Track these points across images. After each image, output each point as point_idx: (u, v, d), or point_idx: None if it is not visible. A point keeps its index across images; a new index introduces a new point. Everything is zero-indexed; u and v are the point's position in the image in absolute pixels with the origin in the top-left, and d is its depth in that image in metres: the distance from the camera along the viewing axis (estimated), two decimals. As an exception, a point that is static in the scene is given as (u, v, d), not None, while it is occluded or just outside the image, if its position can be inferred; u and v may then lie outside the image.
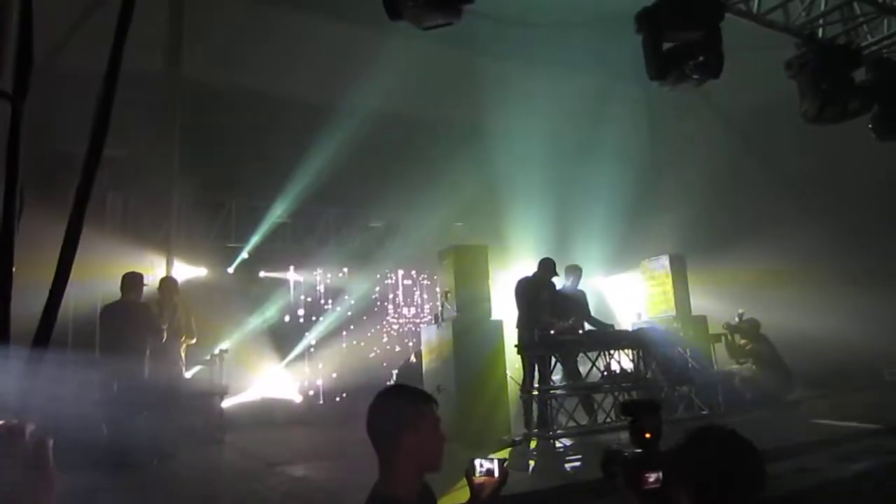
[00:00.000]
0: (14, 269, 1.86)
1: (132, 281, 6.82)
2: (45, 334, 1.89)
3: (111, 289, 6.86)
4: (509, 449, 6.67)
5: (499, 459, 1.96)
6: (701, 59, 5.20)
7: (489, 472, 1.94)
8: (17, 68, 2.07)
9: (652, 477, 1.76)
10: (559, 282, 8.05)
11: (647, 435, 1.90)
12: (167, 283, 7.89)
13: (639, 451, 1.88)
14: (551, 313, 7.46)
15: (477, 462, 1.96)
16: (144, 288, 7.11)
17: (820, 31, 6.23)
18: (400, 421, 1.88)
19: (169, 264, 9.27)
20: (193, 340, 7.84)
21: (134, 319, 6.69)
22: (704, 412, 7.60)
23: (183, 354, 7.76)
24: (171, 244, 9.41)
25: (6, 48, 2.17)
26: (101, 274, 7.02)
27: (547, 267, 7.70)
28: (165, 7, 9.56)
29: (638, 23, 5.26)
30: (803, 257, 9.49)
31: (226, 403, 8.35)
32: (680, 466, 1.70)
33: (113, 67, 2.15)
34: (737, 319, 8.95)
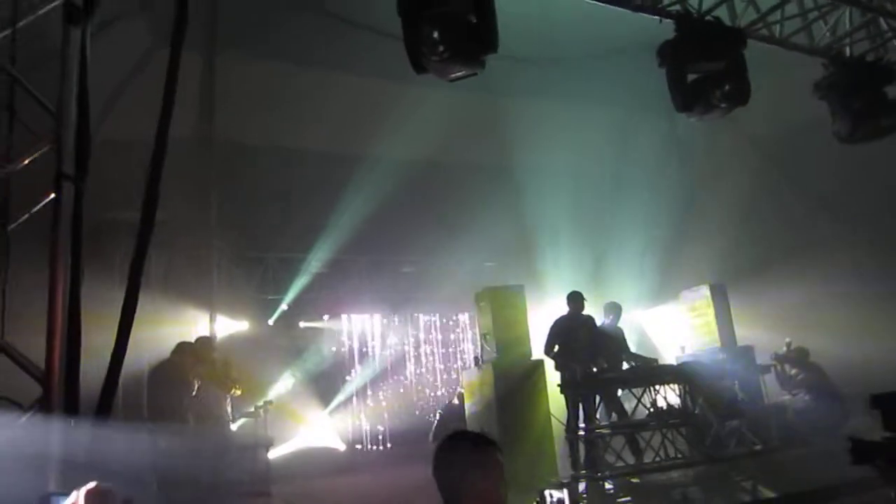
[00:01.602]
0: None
1: (178, 344, 7.14)
2: (107, 402, 1.97)
3: (158, 347, 7.04)
4: (541, 490, 6.48)
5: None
6: (727, 87, 5.23)
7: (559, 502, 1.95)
8: (78, 151, 2.23)
9: None
10: (599, 318, 7.97)
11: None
12: (200, 342, 8.03)
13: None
14: (588, 354, 7.36)
15: (547, 493, 1.98)
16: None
17: (847, 49, 6.19)
18: (467, 465, 1.90)
19: (212, 320, 9.47)
20: (239, 392, 7.92)
21: (170, 378, 6.89)
22: (758, 447, 7.33)
23: (229, 408, 7.84)
24: (213, 300, 9.62)
25: (66, 133, 2.34)
26: (146, 333, 7.20)
27: (574, 301, 7.63)
28: (197, 71, 9.99)
29: (660, 57, 5.33)
30: (847, 280, 9.20)
31: (272, 455, 8.38)
32: None
33: (160, 146, 2.29)
34: (784, 349, 8.68)
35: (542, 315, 9.04)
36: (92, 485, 1.15)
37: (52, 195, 2.50)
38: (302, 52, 9.67)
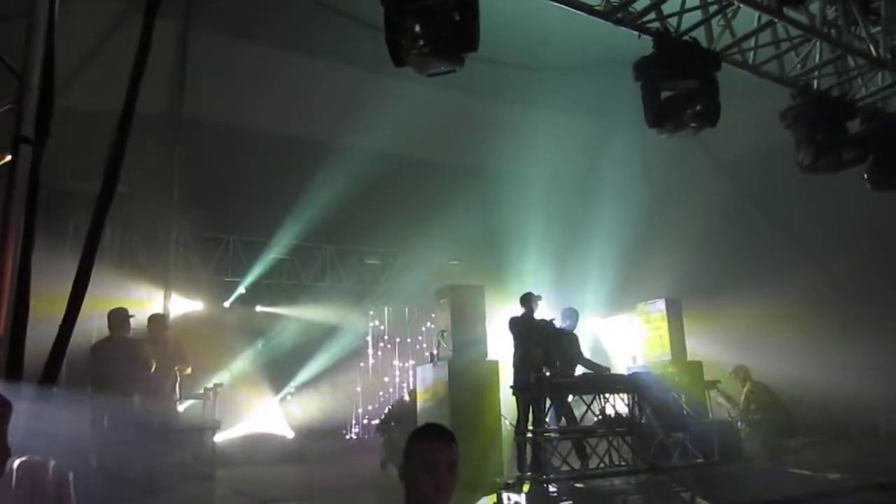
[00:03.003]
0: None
1: (119, 317, 6.84)
2: (52, 373, 1.91)
3: (105, 323, 6.84)
4: (501, 493, 6.58)
5: None
6: (698, 107, 5.33)
7: None
8: (39, 114, 2.15)
9: None
10: (555, 322, 8.07)
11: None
12: (155, 319, 7.84)
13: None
14: (542, 357, 7.43)
15: (505, 496, 2.04)
16: (133, 321, 7.09)
17: (815, 82, 6.39)
18: (418, 457, 1.98)
19: (166, 298, 9.26)
20: (189, 370, 7.76)
21: (124, 355, 6.67)
22: (699, 460, 7.53)
23: (177, 388, 7.68)
24: (169, 278, 9.42)
25: (29, 95, 2.25)
26: (98, 308, 7.00)
27: (528, 302, 7.66)
28: (170, 45, 9.73)
29: (636, 71, 5.41)
30: (801, 304, 9.52)
31: (218, 438, 8.24)
32: None
33: (127, 115, 2.23)
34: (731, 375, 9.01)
35: (501, 317, 9.11)
36: (25, 457, 1.12)
37: (9, 157, 2.42)
38: (279, 35, 9.50)
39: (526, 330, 7.52)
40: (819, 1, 5.75)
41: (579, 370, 7.96)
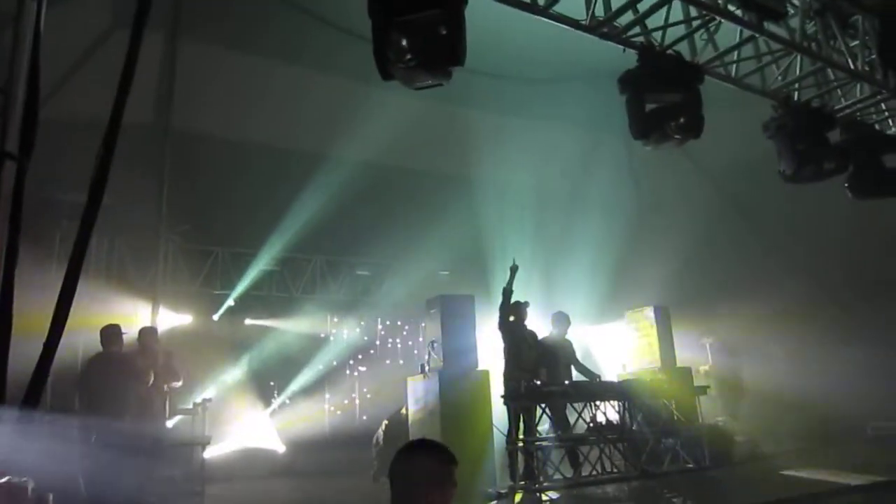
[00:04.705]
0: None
1: (111, 333, 6.78)
2: (36, 392, 1.90)
3: (94, 338, 6.77)
4: (494, 502, 6.57)
5: None
6: (682, 120, 5.40)
7: None
8: (24, 128, 2.15)
9: None
10: (546, 328, 8.10)
11: None
12: (146, 332, 7.79)
13: None
14: (531, 365, 7.45)
15: None
16: (125, 336, 7.03)
17: (796, 94, 6.50)
18: (430, 478, 1.95)
19: (154, 311, 9.19)
20: (179, 383, 7.70)
21: (116, 370, 6.60)
22: (690, 465, 7.57)
23: (167, 402, 7.62)
24: (157, 291, 9.35)
25: (13, 109, 2.25)
26: (85, 323, 6.93)
27: (518, 310, 7.68)
28: (157, 58, 9.72)
29: (621, 85, 5.48)
30: (787, 311, 9.62)
31: (208, 453, 8.17)
32: None
33: (113, 128, 2.23)
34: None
35: (491, 326, 9.11)
36: (3, 479, 1.11)
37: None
38: (267, 46, 9.52)
39: (517, 338, 7.55)
40: (799, 16, 5.86)
41: (576, 376, 8.00)
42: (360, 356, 11.64)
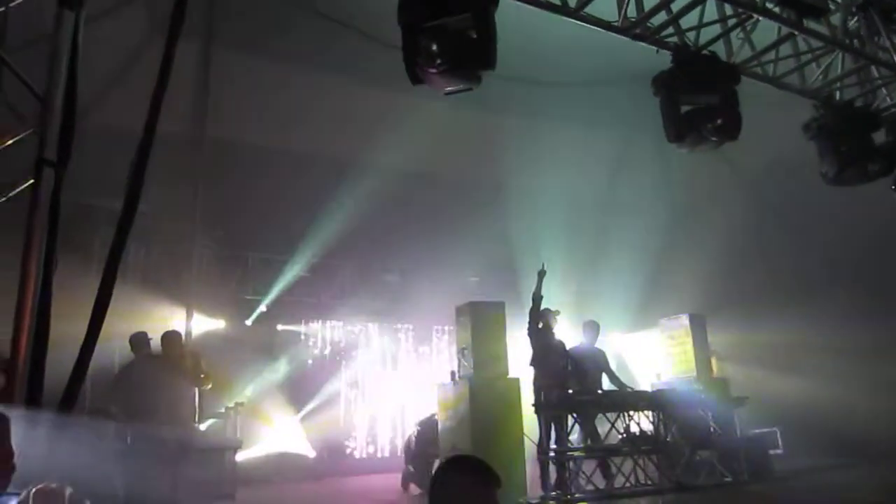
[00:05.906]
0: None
1: (140, 340, 6.95)
2: (72, 395, 1.91)
3: (126, 346, 6.93)
4: None
5: None
6: (719, 121, 5.28)
7: None
8: (61, 137, 2.18)
9: None
10: (577, 336, 7.98)
11: None
12: (170, 336, 7.84)
13: None
14: (561, 375, 7.34)
15: None
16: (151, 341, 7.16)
17: (837, 93, 6.30)
18: (469, 499, 1.90)
19: (188, 316, 9.33)
20: (209, 385, 7.74)
21: (150, 372, 6.72)
22: (728, 479, 7.35)
23: (197, 404, 7.70)
24: (191, 296, 9.49)
25: (51, 118, 2.29)
26: (120, 329, 7.07)
27: (546, 318, 7.60)
28: (191, 66, 9.90)
29: (655, 86, 5.39)
30: (830, 325, 9.17)
31: (239, 457, 8.24)
32: None
33: (148, 135, 2.25)
34: None
35: (521, 333, 9.02)
36: (41, 484, 1.11)
37: (31, 180, 2.45)
38: (300, 54, 9.64)
39: (547, 346, 7.47)
40: (841, 11, 5.68)
41: (609, 385, 7.85)
42: (391, 361, 11.65)
